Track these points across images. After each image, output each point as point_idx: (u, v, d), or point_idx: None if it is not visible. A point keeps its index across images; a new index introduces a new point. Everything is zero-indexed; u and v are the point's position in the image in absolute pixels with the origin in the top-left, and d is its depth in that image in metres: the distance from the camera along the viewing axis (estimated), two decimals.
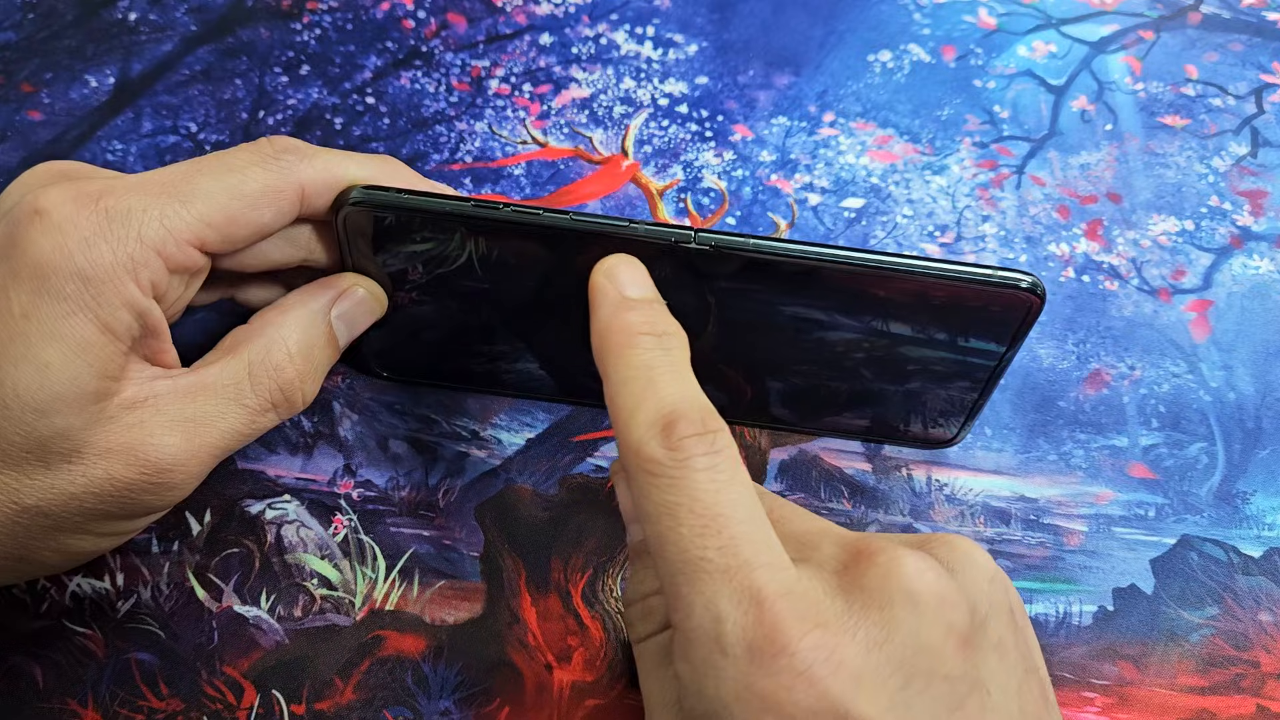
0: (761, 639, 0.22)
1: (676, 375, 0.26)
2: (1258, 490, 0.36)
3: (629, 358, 0.26)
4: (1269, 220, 0.41)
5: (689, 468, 0.24)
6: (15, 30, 0.43)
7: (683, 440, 0.24)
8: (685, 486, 0.24)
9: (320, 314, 0.30)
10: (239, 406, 0.28)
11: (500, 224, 0.29)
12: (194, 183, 0.27)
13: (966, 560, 0.25)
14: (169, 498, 0.28)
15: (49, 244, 0.25)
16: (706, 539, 0.23)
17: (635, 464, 0.25)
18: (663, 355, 0.26)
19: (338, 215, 0.30)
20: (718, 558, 0.23)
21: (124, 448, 0.26)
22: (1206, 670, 0.34)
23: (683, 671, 0.23)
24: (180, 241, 0.27)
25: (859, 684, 0.22)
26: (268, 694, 0.32)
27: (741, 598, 0.22)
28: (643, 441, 0.24)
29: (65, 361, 0.25)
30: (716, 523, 0.23)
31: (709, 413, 0.25)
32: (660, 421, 0.25)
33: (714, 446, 0.24)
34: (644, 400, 0.25)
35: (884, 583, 0.23)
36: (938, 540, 0.25)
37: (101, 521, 0.27)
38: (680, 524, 0.23)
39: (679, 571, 0.23)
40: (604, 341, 0.27)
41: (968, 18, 0.45)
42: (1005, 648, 0.24)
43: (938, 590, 0.23)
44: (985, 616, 0.24)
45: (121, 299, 0.26)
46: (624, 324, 0.27)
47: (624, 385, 0.26)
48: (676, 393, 0.25)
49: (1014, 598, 0.26)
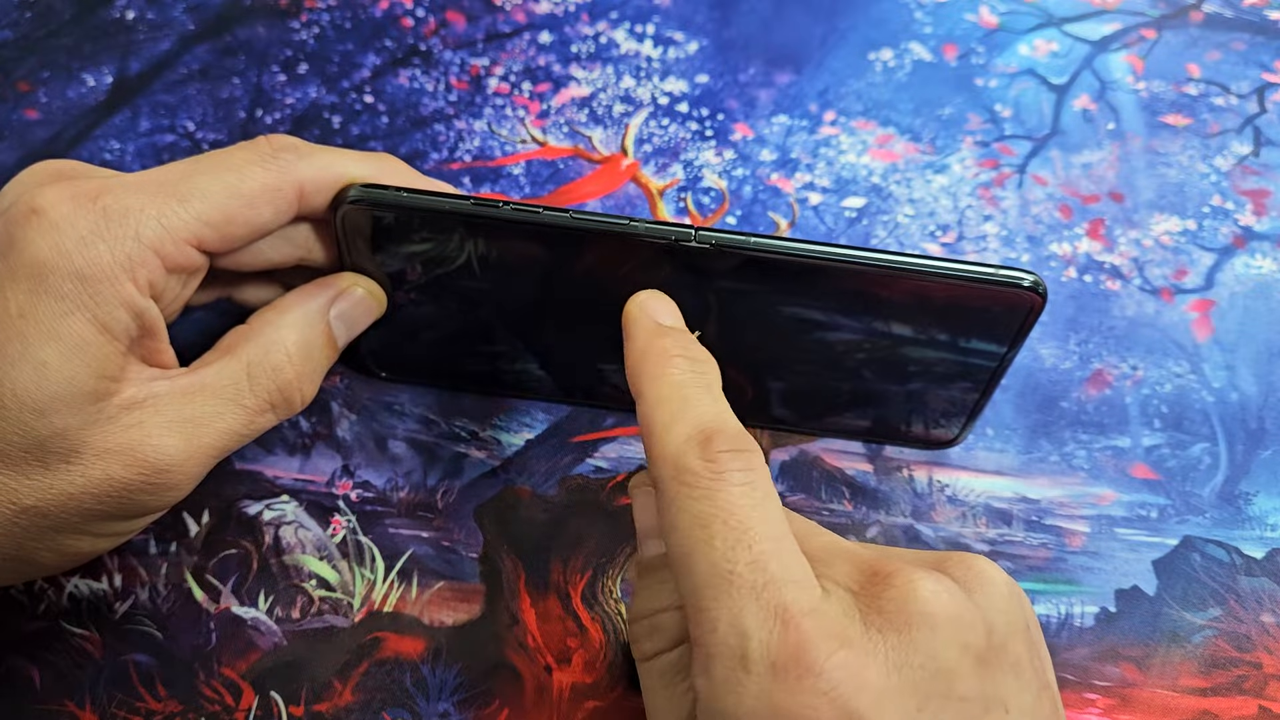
0: (787, 657, 0.22)
1: (712, 396, 0.26)
2: (1260, 491, 0.36)
3: (666, 377, 0.26)
4: (1271, 220, 0.41)
5: (726, 481, 0.24)
6: (12, 29, 0.43)
7: (720, 454, 0.24)
8: (720, 499, 0.24)
9: (319, 314, 0.30)
10: (237, 407, 0.28)
11: (500, 222, 0.29)
12: (192, 182, 0.27)
13: (983, 580, 0.25)
14: (167, 498, 0.28)
15: (46, 243, 0.25)
16: (737, 553, 0.23)
17: (670, 475, 0.24)
18: (698, 377, 0.27)
19: (336, 214, 0.30)
20: (747, 573, 0.23)
21: (122, 448, 0.26)
22: (1209, 672, 0.33)
23: (701, 687, 0.23)
24: (178, 241, 0.27)
25: (881, 705, 0.22)
26: (266, 695, 0.32)
27: (768, 615, 0.22)
28: (681, 453, 0.24)
29: (63, 361, 0.25)
30: (748, 537, 0.23)
31: (745, 434, 0.25)
32: (698, 436, 0.25)
33: (750, 464, 0.24)
34: (681, 415, 0.25)
35: (902, 605, 0.23)
36: (953, 559, 0.25)
37: (99, 522, 0.27)
38: (713, 536, 0.23)
39: (705, 585, 0.23)
40: (640, 363, 0.27)
41: (969, 16, 0.45)
42: (1021, 666, 0.24)
43: (955, 612, 0.23)
44: (1003, 637, 0.24)
45: (119, 298, 0.26)
46: (660, 348, 0.27)
47: (661, 403, 0.26)
48: (713, 411, 0.26)
49: (1029, 614, 0.25)
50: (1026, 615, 0.25)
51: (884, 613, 0.23)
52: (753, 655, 0.22)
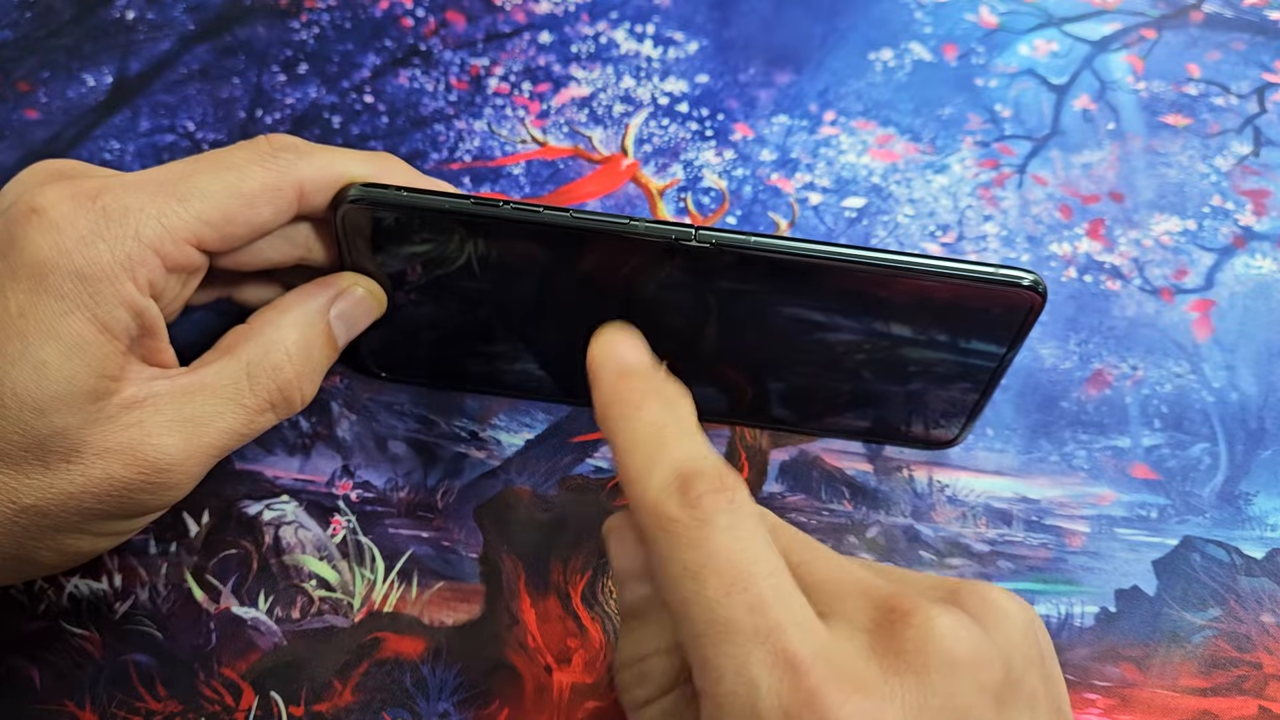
0: (800, 706, 0.21)
1: (687, 434, 0.25)
2: (1260, 491, 0.36)
3: (636, 420, 0.26)
4: (1271, 220, 0.41)
5: (711, 526, 0.23)
6: (12, 29, 0.43)
7: (701, 497, 0.23)
8: (709, 546, 0.23)
9: (319, 313, 0.30)
10: (237, 407, 0.28)
11: (500, 222, 0.29)
12: (191, 181, 0.27)
13: (999, 613, 0.24)
14: (167, 497, 0.28)
15: (46, 243, 0.25)
16: (733, 598, 0.22)
17: (654, 524, 0.24)
18: (670, 415, 0.26)
19: (336, 213, 0.30)
20: (746, 619, 0.22)
21: (122, 447, 0.26)
22: (1209, 672, 0.33)
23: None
24: (178, 240, 0.27)
25: None
26: (266, 696, 0.32)
27: (775, 662, 0.22)
28: (660, 501, 0.24)
29: (63, 360, 0.25)
30: (742, 581, 0.22)
31: (725, 468, 0.24)
32: (676, 480, 0.24)
33: (733, 503, 0.23)
34: (657, 460, 0.24)
35: (921, 646, 0.22)
36: (967, 590, 0.25)
37: (100, 521, 0.27)
38: (705, 586, 0.22)
39: (704, 634, 0.22)
40: (608, 408, 0.26)
41: (969, 16, 0.45)
42: (1036, 699, 0.24)
43: (973, 651, 0.23)
44: (1020, 673, 0.23)
45: (119, 298, 0.26)
46: (627, 390, 0.26)
47: (635, 448, 0.25)
48: (689, 450, 0.25)
49: (1045, 645, 0.25)
50: (1042, 648, 0.25)
51: (901, 654, 0.22)
52: (764, 706, 0.21)
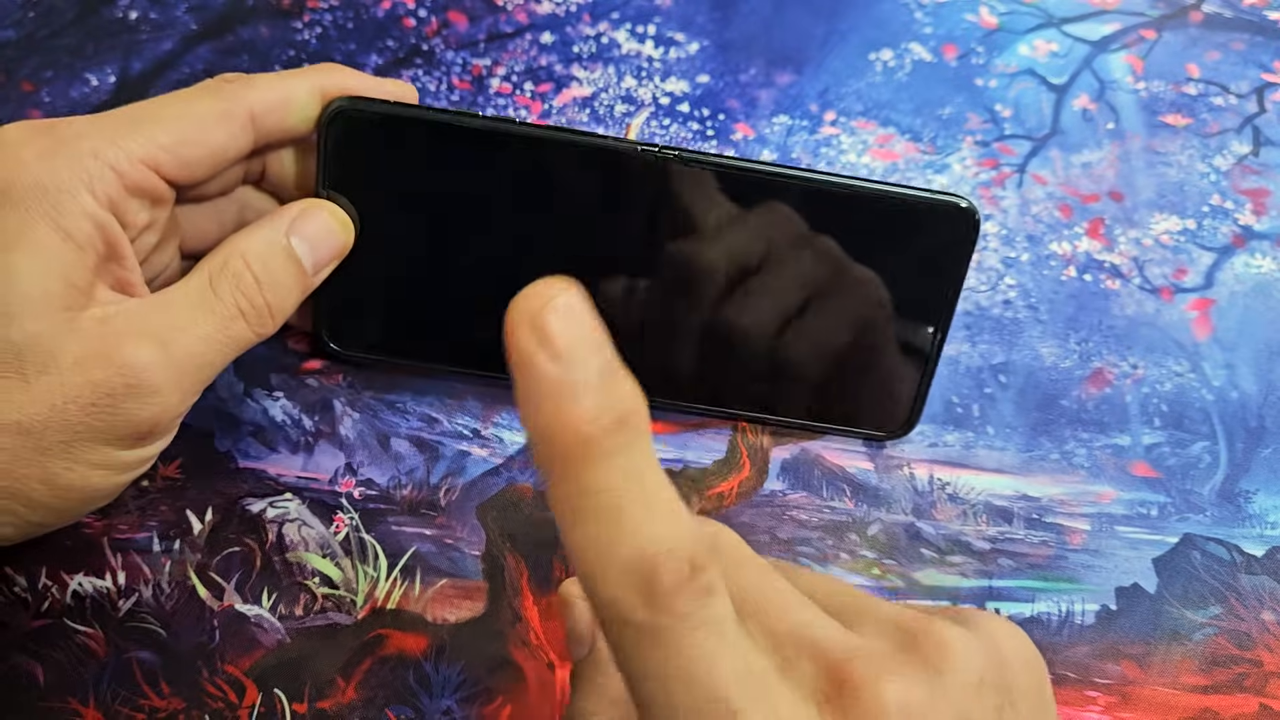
0: None
1: (647, 500, 0.20)
2: (1260, 489, 0.36)
3: (585, 483, 0.19)
4: (1271, 219, 0.41)
5: (683, 628, 0.19)
6: (15, 28, 0.43)
7: (669, 598, 0.19)
8: (675, 651, 0.19)
9: (276, 230, 0.31)
10: (206, 312, 0.29)
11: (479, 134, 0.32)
12: (144, 109, 0.30)
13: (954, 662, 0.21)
14: (152, 406, 0.28)
15: (6, 161, 0.27)
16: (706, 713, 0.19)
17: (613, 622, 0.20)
18: (626, 469, 0.19)
19: (320, 128, 0.31)
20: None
21: (98, 354, 0.27)
22: (1209, 669, 0.34)
23: None
24: (133, 160, 0.28)
25: None
26: (269, 693, 0.32)
27: None
28: (618, 601, 0.19)
29: (30, 264, 0.27)
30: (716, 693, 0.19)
31: (696, 549, 0.19)
32: (638, 574, 0.19)
33: (708, 596, 0.19)
34: (614, 546, 0.19)
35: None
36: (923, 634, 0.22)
37: (88, 445, 0.27)
38: (673, 695, 0.19)
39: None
40: (548, 451, 0.19)
41: (969, 16, 0.45)
42: None
43: None
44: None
45: (79, 209, 0.27)
46: (571, 427, 0.19)
47: (585, 525, 0.19)
48: (652, 530, 0.19)
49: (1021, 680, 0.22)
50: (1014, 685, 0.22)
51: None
52: None
